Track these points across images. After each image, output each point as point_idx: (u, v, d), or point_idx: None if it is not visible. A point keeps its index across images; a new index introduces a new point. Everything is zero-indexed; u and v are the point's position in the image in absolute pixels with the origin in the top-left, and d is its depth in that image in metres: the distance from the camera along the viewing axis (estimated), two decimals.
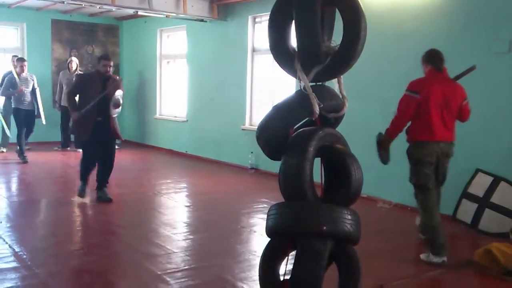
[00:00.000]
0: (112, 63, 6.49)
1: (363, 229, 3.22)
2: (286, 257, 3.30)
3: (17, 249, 4.64)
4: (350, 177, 3.19)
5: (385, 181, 6.68)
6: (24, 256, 4.47)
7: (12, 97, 9.04)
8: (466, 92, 4.87)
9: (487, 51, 5.68)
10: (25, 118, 9.02)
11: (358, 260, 3.13)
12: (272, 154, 3.44)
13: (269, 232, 3.31)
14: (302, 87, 3.27)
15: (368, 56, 6.35)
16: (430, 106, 4.61)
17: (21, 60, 9.29)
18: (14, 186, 7.57)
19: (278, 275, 3.23)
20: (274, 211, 3.29)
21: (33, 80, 9.20)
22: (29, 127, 9.15)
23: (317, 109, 3.18)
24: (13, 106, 9.06)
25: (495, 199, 5.55)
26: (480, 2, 5.81)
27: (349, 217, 3.11)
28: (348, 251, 3.15)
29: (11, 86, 8.99)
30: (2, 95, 9.23)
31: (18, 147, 9.00)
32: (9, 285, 3.86)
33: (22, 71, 9.08)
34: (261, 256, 3.29)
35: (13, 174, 8.20)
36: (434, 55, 4.86)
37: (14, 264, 4.28)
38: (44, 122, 9.54)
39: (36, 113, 9.25)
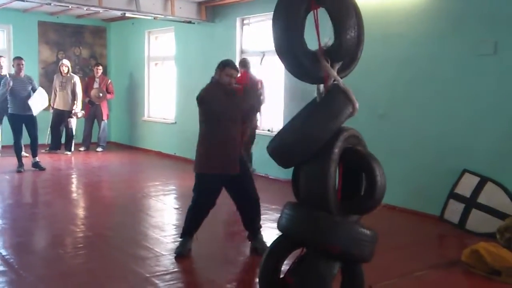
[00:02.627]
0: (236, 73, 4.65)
1: None
2: (289, 255, 3.30)
3: (4, 253, 4.60)
4: (375, 183, 3.02)
5: None
6: (11, 260, 4.44)
7: (9, 101, 8.30)
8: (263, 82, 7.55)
9: (473, 53, 5.73)
10: (25, 124, 8.36)
11: (364, 280, 3.12)
12: (291, 164, 3.27)
13: (281, 231, 3.25)
14: (326, 89, 3.16)
15: None
16: None
17: (17, 58, 8.47)
18: (0, 190, 7.50)
19: (279, 271, 3.21)
20: (291, 212, 3.15)
21: (31, 83, 8.49)
22: (32, 133, 8.42)
23: (357, 105, 3.10)
24: (9, 112, 8.38)
25: (482, 199, 5.59)
26: (465, 4, 5.86)
27: (368, 238, 2.99)
28: (356, 270, 3.12)
29: (4, 88, 8.25)
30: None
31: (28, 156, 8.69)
32: None
33: (20, 70, 8.36)
34: (266, 251, 3.26)
35: None
36: (246, 62, 7.84)
37: (1, 268, 4.24)
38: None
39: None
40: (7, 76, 8.45)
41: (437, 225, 5.89)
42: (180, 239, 4.80)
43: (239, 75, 5.73)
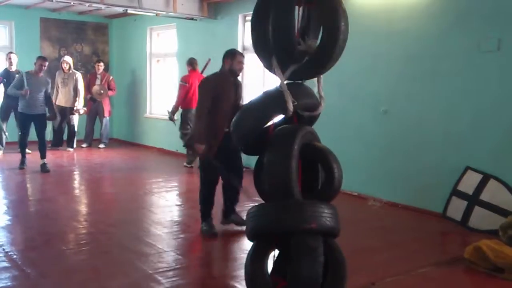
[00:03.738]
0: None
1: (355, 227, 3.26)
2: (272, 256, 3.31)
3: (7, 249, 4.60)
4: (333, 174, 3.24)
5: (376, 179, 6.72)
6: (15, 256, 4.45)
7: (20, 99, 8.09)
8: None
9: (476, 49, 5.72)
10: (34, 124, 8.14)
11: (342, 252, 3.16)
12: (246, 149, 3.58)
13: (256, 233, 3.29)
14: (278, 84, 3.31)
15: (359, 56, 6.47)
16: (192, 89, 8.40)
17: (41, 59, 8.23)
18: (3, 186, 7.51)
19: (268, 274, 3.22)
20: (257, 212, 3.27)
21: (46, 85, 8.19)
22: (40, 133, 8.19)
23: (290, 106, 3.19)
24: (19, 110, 8.17)
25: (484, 196, 5.59)
26: (469, 1, 5.84)
27: (328, 211, 3.16)
28: (331, 245, 3.19)
29: (21, 87, 8.00)
30: (8, 92, 8.44)
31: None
32: (0, 285, 3.83)
33: (40, 71, 8.09)
34: (248, 258, 3.25)
35: (2, 174, 8.14)
36: (192, 61, 8.80)
37: (4, 264, 4.25)
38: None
39: (48, 115, 8.34)
40: (22, 74, 8.18)
41: (440, 222, 5.89)
42: (204, 222, 5.18)
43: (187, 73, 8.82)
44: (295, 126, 3.33)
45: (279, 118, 3.50)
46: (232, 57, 5.03)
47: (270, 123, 3.46)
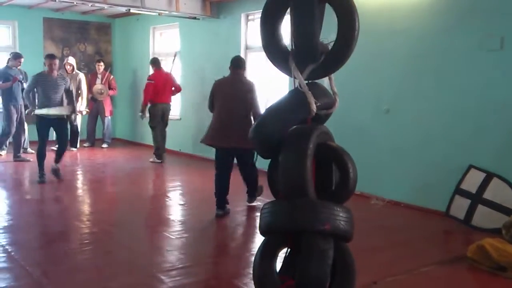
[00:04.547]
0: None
1: (357, 225, 3.24)
2: (285, 253, 3.31)
3: (10, 249, 4.62)
4: (348, 175, 3.21)
5: (379, 178, 6.70)
6: (17, 256, 4.46)
7: (38, 101, 7.42)
8: (173, 76, 9.67)
9: (479, 48, 5.70)
10: (54, 128, 7.54)
11: (352, 256, 3.15)
12: (266, 153, 3.46)
13: (269, 229, 3.29)
14: (297, 86, 3.28)
15: (362, 54, 6.40)
16: (158, 86, 9.16)
17: (50, 57, 7.47)
18: (6, 186, 7.53)
19: (276, 272, 3.22)
20: (272, 209, 3.25)
21: (65, 83, 7.52)
22: (60, 138, 7.61)
23: (314, 108, 3.18)
24: (36, 113, 7.37)
25: (487, 195, 5.58)
26: None
27: (343, 214, 3.13)
28: (342, 248, 3.17)
29: (33, 90, 7.47)
30: (24, 96, 7.79)
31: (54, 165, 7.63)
32: (2, 285, 3.84)
33: (52, 71, 7.35)
34: (258, 254, 3.25)
35: (5, 174, 8.16)
36: (156, 61, 9.52)
37: (7, 264, 4.26)
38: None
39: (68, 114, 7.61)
40: (33, 77, 7.50)
41: (443, 221, 5.87)
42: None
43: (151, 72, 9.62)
44: (310, 125, 3.29)
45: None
46: (240, 64, 5.93)
47: None
